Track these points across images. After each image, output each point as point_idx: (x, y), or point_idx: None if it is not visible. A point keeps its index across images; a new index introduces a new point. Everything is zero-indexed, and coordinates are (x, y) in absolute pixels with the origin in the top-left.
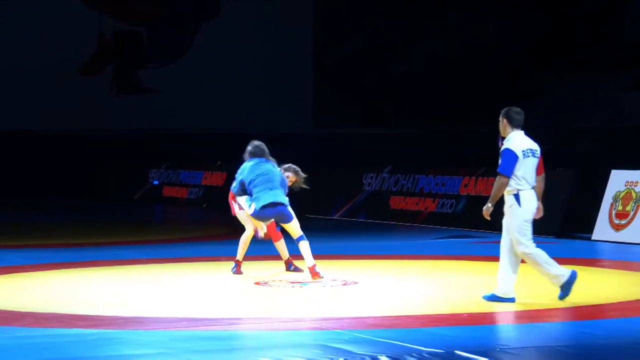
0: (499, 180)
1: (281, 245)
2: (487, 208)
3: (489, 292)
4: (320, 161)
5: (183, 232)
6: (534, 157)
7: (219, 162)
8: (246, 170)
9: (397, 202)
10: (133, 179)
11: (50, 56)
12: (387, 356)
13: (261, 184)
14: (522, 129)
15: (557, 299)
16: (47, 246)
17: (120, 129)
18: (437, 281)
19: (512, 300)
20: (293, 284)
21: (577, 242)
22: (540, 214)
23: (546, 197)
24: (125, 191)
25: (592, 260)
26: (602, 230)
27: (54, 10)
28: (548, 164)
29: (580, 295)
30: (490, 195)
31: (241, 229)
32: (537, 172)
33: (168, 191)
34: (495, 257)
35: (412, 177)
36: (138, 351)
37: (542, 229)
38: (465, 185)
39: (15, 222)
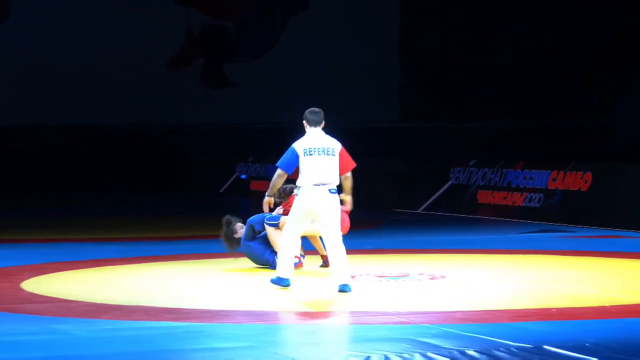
0: (276, 172)
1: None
2: (266, 199)
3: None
4: (406, 155)
5: None
6: (325, 154)
7: None
8: None
9: (484, 196)
10: (220, 173)
11: (139, 51)
12: (475, 350)
13: None
14: (319, 127)
15: None
16: (135, 239)
17: (207, 122)
18: (525, 275)
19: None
20: (380, 278)
21: None
22: (347, 208)
23: (637, 192)
24: (212, 185)
25: None
26: None
27: (143, 5)
28: None
29: None
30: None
31: None
32: (341, 172)
33: (255, 185)
34: (585, 252)
35: (499, 171)
36: (226, 344)
37: (632, 223)
38: (554, 180)
39: (103, 216)
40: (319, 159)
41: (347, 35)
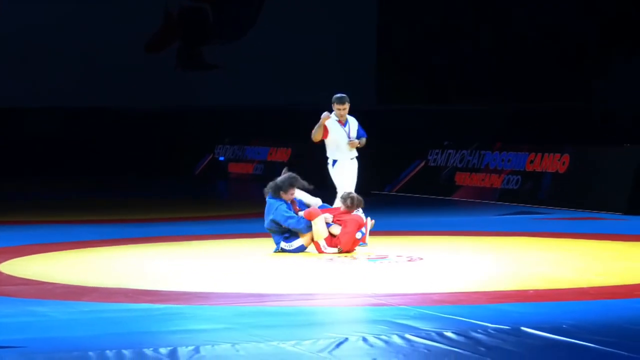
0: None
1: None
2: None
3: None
4: (384, 138)
5: (247, 207)
6: None
7: None
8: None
9: (462, 178)
10: (197, 155)
11: (116, 33)
12: (453, 332)
13: None
14: None
15: (626, 276)
16: (113, 222)
17: (185, 105)
18: (503, 257)
19: None
20: (358, 260)
21: None
22: None
23: (614, 174)
24: (190, 167)
25: None
26: None
27: None
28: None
29: None
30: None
31: None
32: None
33: (233, 167)
34: (562, 234)
35: (477, 153)
36: (203, 326)
37: (610, 205)
38: (532, 161)
39: (80, 199)
40: None
41: (324, 17)
